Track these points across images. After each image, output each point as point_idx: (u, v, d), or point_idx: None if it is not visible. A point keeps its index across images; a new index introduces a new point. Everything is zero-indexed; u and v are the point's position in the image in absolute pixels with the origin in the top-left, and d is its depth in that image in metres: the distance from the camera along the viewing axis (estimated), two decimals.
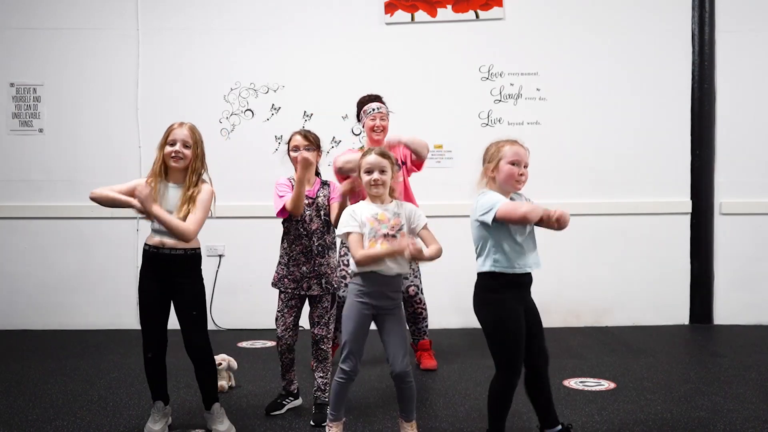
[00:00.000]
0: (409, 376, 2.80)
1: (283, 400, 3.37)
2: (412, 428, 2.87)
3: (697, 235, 5.49)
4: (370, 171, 2.84)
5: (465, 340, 4.93)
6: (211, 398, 3.07)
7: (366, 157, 2.87)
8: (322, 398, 3.25)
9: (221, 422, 3.05)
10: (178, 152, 3.00)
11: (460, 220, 5.06)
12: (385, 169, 2.84)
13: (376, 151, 2.88)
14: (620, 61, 5.48)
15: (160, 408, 3.07)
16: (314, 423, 3.16)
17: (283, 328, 3.30)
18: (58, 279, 5.43)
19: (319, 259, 3.27)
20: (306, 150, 3.25)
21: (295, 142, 3.30)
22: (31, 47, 5.46)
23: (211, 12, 5.47)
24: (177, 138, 3.02)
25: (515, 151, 2.73)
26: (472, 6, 5.45)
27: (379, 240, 2.79)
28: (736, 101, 5.48)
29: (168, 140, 3.03)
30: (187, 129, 3.06)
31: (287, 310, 3.31)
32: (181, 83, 5.46)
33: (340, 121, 5.43)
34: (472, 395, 3.61)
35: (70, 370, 4.15)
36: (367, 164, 2.85)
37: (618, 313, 5.46)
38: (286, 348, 3.32)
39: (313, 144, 3.30)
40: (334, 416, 2.88)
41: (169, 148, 3.01)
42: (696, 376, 3.98)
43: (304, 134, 3.32)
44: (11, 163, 5.44)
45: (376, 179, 2.83)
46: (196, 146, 3.06)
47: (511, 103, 5.50)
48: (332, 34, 5.47)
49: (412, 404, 2.86)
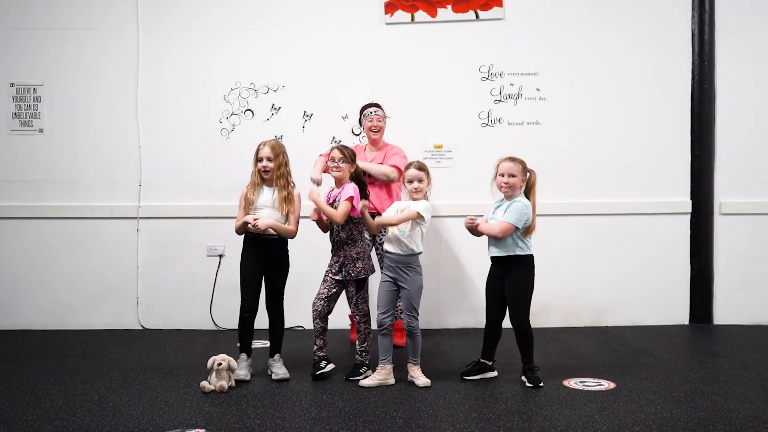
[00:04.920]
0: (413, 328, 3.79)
1: (319, 364, 3.92)
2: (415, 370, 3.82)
3: (697, 235, 5.49)
4: (411, 181, 3.80)
5: (465, 340, 4.92)
6: (276, 349, 4.00)
7: (408, 171, 3.84)
8: (358, 359, 3.95)
9: (279, 367, 3.94)
10: (266, 166, 3.92)
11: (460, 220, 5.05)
12: (422, 179, 3.80)
13: (415, 165, 3.83)
14: (620, 61, 5.48)
15: (244, 359, 3.94)
16: (345, 376, 3.90)
17: (316, 297, 3.94)
18: (58, 279, 5.42)
19: (340, 251, 3.92)
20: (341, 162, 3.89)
21: (333, 155, 3.92)
22: (31, 47, 5.45)
23: (211, 12, 5.47)
24: (263, 156, 3.93)
25: (504, 166, 3.76)
26: (472, 6, 5.45)
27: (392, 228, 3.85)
28: (736, 101, 5.48)
29: (258, 157, 3.95)
30: (269, 146, 3.94)
31: (322, 285, 3.96)
32: (181, 83, 5.46)
33: (340, 121, 5.43)
34: (472, 395, 3.61)
35: (70, 370, 4.15)
36: (409, 176, 3.81)
37: (618, 313, 5.46)
38: (316, 315, 3.93)
39: (347, 158, 3.91)
40: (383, 360, 3.79)
41: (259, 164, 3.94)
42: (696, 376, 3.98)
43: (339, 149, 3.93)
44: (11, 163, 5.44)
45: (416, 188, 3.80)
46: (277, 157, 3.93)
47: (511, 103, 5.50)
48: (332, 34, 5.46)
49: (416, 350, 3.82)
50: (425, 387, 3.72)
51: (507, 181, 3.72)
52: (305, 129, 5.43)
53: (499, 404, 3.44)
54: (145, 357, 4.49)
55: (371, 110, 4.74)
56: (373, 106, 4.76)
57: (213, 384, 3.68)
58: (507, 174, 3.72)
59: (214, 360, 3.71)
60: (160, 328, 5.39)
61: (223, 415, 3.30)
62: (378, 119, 4.72)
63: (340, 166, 3.91)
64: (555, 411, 3.32)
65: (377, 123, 4.71)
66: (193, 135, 5.44)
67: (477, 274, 5.09)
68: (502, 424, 3.14)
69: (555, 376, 3.93)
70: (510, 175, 3.71)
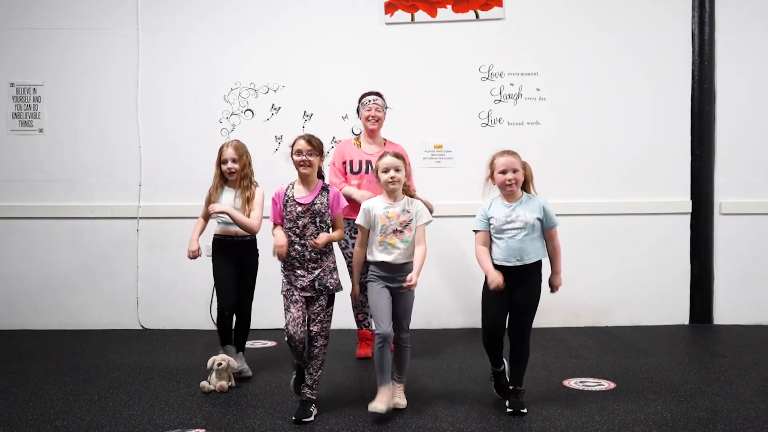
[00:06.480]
0: (404, 341, 3.36)
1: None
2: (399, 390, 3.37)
3: (697, 235, 5.49)
4: (387, 170, 3.31)
5: (465, 340, 4.92)
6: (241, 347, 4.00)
7: (382, 160, 3.35)
8: (308, 395, 3.27)
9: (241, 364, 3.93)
10: (231, 168, 3.83)
11: (460, 220, 5.10)
12: (399, 168, 3.31)
13: (391, 153, 3.35)
14: (620, 61, 5.48)
15: (229, 349, 3.90)
16: (295, 418, 3.17)
17: (291, 324, 3.25)
18: (58, 279, 5.43)
19: (311, 264, 3.30)
20: (309, 155, 3.31)
21: (299, 147, 3.32)
22: (31, 47, 5.45)
23: (211, 12, 5.47)
24: (227, 157, 3.85)
25: (503, 161, 3.31)
26: (472, 6, 5.45)
27: (389, 236, 3.29)
28: (736, 101, 5.48)
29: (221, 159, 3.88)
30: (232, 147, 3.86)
31: (293, 307, 3.29)
32: (181, 83, 5.46)
33: (340, 121, 5.43)
34: (472, 395, 3.60)
35: (70, 370, 4.15)
36: (384, 165, 3.33)
37: (618, 313, 5.46)
38: (300, 345, 3.26)
39: (316, 149, 3.33)
40: (382, 380, 3.24)
41: (223, 166, 3.86)
42: (696, 376, 3.98)
43: (307, 139, 3.34)
44: (11, 163, 5.44)
45: (392, 177, 3.30)
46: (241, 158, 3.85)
47: (511, 103, 5.50)
48: (332, 34, 5.47)
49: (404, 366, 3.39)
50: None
51: (513, 178, 3.28)
52: (305, 129, 5.43)
53: (500, 404, 3.43)
54: (145, 357, 4.49)
55: (370, 98, 4.47)
56: (372, 95, 4.50)
57: (213, 384, 3.68)
58: (510, 170, 3.28)
59: (214, 360, 3.71)
60: (160, 328, 5.39)
61: (223, 415, 3.30)
62: (377, 109, 4.43)
63: (309, 159, 3.31)
64: (555, 411, 3.32)
65: (375, 113, 4.42)
66: (193, 135, 5.44)
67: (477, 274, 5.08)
68: (503, 423, 3.14)
69: (555, 376, 3.93)
70: (513, 170, 3.28)
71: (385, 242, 3.28)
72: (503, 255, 3.26)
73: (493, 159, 3.35)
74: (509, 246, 3.25)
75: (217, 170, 3.91)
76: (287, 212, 3.33)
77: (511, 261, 3.25)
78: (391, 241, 3.28)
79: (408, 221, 3.30)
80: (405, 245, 3.28)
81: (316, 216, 3.31)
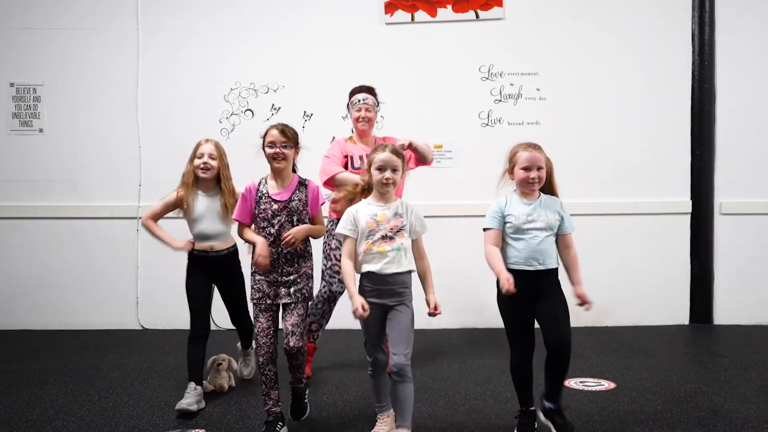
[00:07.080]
0: (403, 371, 2.74)
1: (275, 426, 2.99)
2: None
3: (697, 235, 5.49)
4: (383, 168, 2.82)
5: (465, 340, 4.92)
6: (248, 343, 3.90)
7: (379, 154, 2.83)
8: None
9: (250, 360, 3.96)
10: (207, 163, 3.46)
11: (460, 220, 5.10)
12: (397, 167, 2.83)
13: (390, 149, 2.84)
14: (620, 61, 5.48)
15: (193, 388, 3.37)
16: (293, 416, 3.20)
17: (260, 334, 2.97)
18: (58, 279, 5.43)
19: (287, 268, 2.99)
20: (283, 147, 2.99)
21: (271, 138, 3.00)
22: (31, 47, 5.46)
23: (211, 12, 5.47)
24: (204, 152, 3.47)
25: (527, 156, 2.89)
26: (472, 6, 5.45)
27: (377, 242, 2.81)
28: (736, 101, 5.47)
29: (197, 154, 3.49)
30: (212, 144, 3.52)
31: (263, 316, 2.99)
32: (181, 83, 5.46)
33: (340, 121, 5.42)
34: (472, 395, 3.60)
35: (70, 370, 4.15)
36: (380, 161, 2.82)
37: (618, 313, 5.46)
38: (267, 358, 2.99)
39: (291, 141, 3.02)
40: (380, 408, 2.93)
41: (197, 161, 3.47)
42: (696, 376, 3.98)
43: (281, 129, 3.01)
44: (11, 163, 5.44)
45: (388, 178, 2.82)
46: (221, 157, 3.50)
47: (511, 103, 5.50)
48: (332, 34, 5.47)
49: (405, 406, 2.74)
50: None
51: (537, 176, 2.90)
52: (305, 129, 5.43)
53: (500, 404, 3.43)
54: (145, 357, 4.50)
55: (360, 98, 3.97)
56: (362, 92, 4.00)
57: (213, 384, 3.68)
58: (536, 167, 2.89)
59: (214, 360, 3.72)
60: (160, 328, 5.39)
61: (223, 415, 3.30)
62: (367, 109, 3.94)
63: (284, 152, 2.99)
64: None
65: (366, 114, 3.93)
66: (193, 135, 5.35)
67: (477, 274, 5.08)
68: (503, 424, 3.14)
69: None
70: (539, 167, 2.89)
71: (373, 250, 2.81)
72: (523, 257, 2.85)
73: (515, 152, 2.93)
74: (530, 247, 2.85)
75: (188, 167, 3.48)
76: (260, 210, 3.01)
77: (533, 264, 2.84)
78: (379, 249, 2.80)
79: (400, 227, 2.83)
80: (396, 253, 2.80)
81: (293, 214, 3.00)
